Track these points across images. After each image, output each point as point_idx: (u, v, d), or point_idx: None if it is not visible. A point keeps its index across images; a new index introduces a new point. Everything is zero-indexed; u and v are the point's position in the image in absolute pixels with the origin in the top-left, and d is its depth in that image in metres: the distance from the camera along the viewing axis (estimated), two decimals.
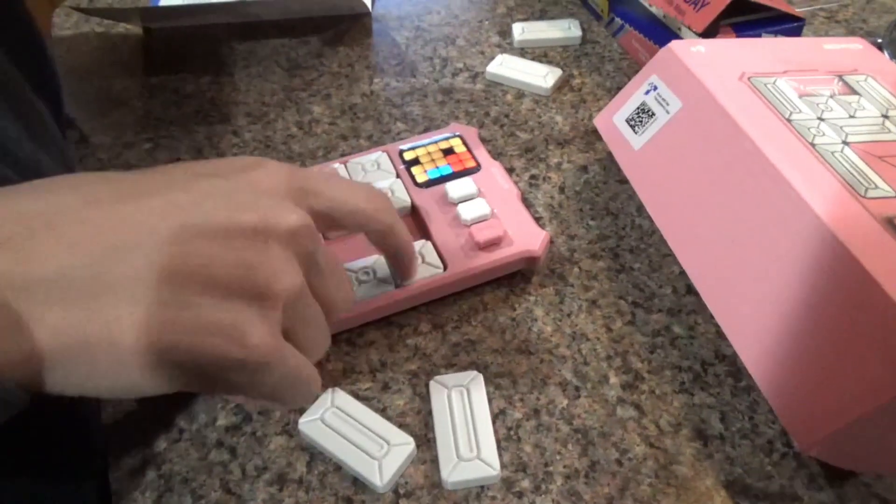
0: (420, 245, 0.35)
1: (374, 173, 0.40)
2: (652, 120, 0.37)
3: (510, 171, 0.43)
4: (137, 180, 0.22)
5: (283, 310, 0.22)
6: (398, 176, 0.40)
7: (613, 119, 0.40)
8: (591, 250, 0.38)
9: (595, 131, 0.45)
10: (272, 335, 0.21)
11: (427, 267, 0.35)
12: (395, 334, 0.35)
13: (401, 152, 0.41)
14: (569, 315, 0.35)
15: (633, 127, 0.38)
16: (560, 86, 0.50)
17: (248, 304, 0.21)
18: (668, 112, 0.36)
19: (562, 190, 0.42)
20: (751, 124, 0.31)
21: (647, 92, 0.38)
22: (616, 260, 0.38)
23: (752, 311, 0.29)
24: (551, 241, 0.39)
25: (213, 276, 0.21)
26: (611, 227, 0.39)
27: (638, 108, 0.38)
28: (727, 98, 0.33)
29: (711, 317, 0.34)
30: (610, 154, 0.42)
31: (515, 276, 0.37)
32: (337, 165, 0.41)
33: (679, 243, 0.33)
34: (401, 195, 0.39)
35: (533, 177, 0.43)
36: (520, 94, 0.49)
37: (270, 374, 0.22)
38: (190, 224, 0.21)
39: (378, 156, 0.41)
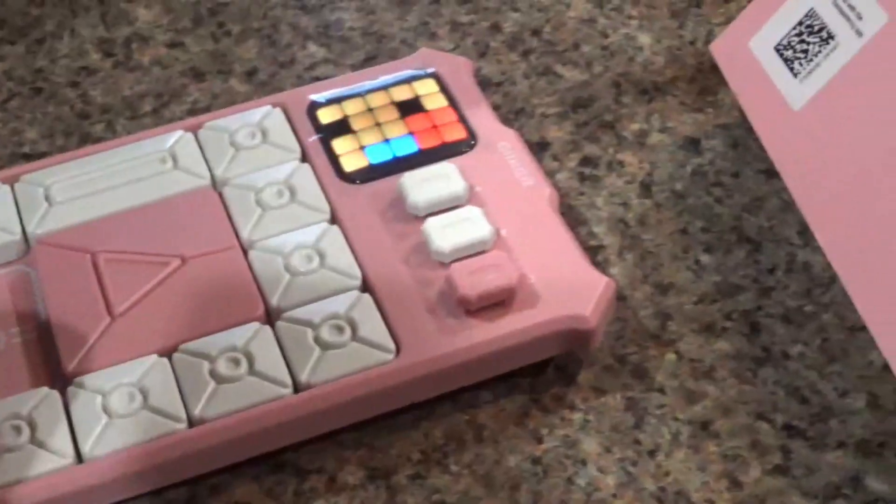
0: (349, 302, 0.36)
1: (254, 152, 0.41)
2: (828, 48, 0.37)
3: (541, 148, 0.44)
4: None
5: None
6: (304, 157, 0.41)
7: (751, 46, 0.40)
8: (702, 317, 0.39)
9: (715, 69, 0.46)
10: None
11: (359, 349, 0.35)
12: (290, 489, 0.35)
13: (312, 107, 0.42)
14: (652, 453, 0.36)
15: (789, 63, 0.39)
16: None
17: None
18: (860, 33, 0.37)
19: (647, 189, 0.42)
20: None
21: None
22: (754, 338, 0.38)
23: None
24: (621, 298, 0.39)
25: None
26: (745, 267, 0.40)
27: (799, 24, 0.39)
28: None
29: None
30: (743, 115, 0.43)
31: (544, 371, 0.37)
32: (179, 133, 0.42)
33: (877, 305, 0.34)
34: (309, 197, 0.39)
35: (587, 161, 0.43)
36: None
37: None
38: None
39: (265, 114, 0.42)
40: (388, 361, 0.35)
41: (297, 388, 0.35)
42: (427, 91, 0.42)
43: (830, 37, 0.37)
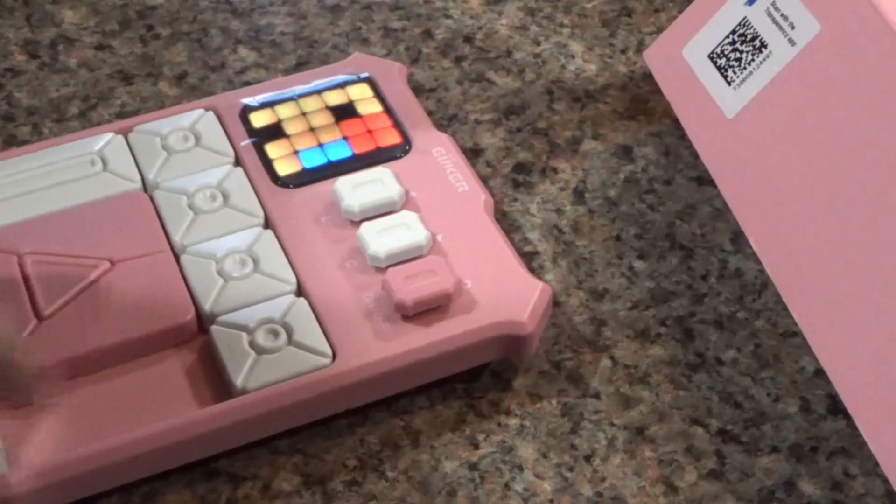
0: (284, 307, 0.36)
1: (186, 155, 0.40)
2: (761, 57, 0.38)
3: (474, 154, 0.44)
4: None
5: None
6: (238, 162, 0.41)
7: (684, 53, 0.41)
8: (637, 323, 0.39)
9: (646, 77, 0.47)
10: None
11: (295, 354, 0.35)
12: (223, 496, 0.35)
13: (245, 111, 0.42)
14: (589, 458, 0.36)
15: (722, 71, 0.39)
16: None
17: None
18: (792, 42, 0.37)
19: (580, 196, 0.43)
20: None
21: (752, 0, 0.39)
22: (688, 344, 0.38)
23: None
24: (555, 304, 0.39)
25: None
26: (679, 274, 0.40)
27: (733, 32, 0.39)
28: None
29: (877, 465, 0.35)
30: (677, 124, 0.43)
31: (480, 377, 0.37)
32: (109, 136, 0.41)
33: (812, 310, 0.34)
34: (242, 201, 0.39)
35: (521, 168, 0.44)
36: None
37: None
38: None
39: (197, 117, 0.42)
40: (324, 366, 0.35)
41: (239, 391, 0.34)
42: (361, 96, 0.42)
43: (763, 45, 0.38)
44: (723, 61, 0.39)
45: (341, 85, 0.43)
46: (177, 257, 0.37)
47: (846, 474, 0.35)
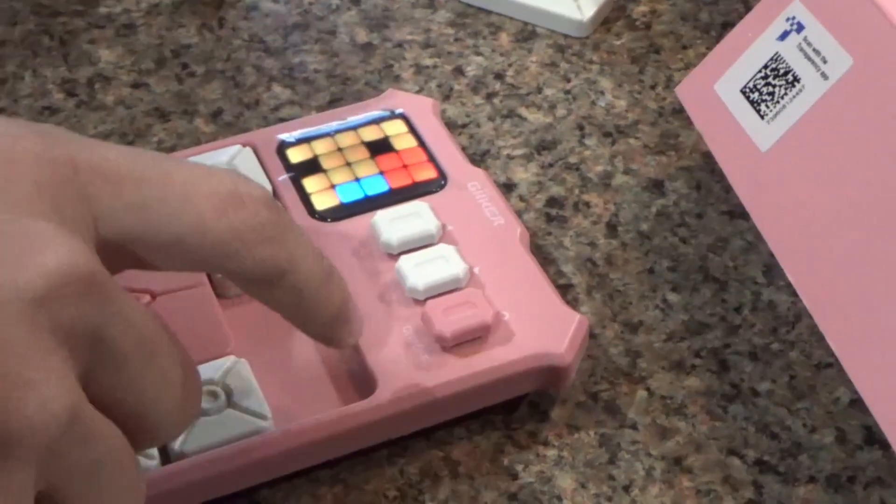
0: (222, 371, 0.36)
1: None
2: (794, 91, 0.38)
3: (507, 189, 0.44)
4: None
5: (38, 464, 0.23)
6: (275, 196, 0.41)
7: (716, 88, 0.41)
8: (672, 354, 0.39)
9: (680, 111, 0.47)
10: None
11: (232, 415, 0.35)
12: None
13: (281, 146, 0.42)
14: (627, 488, 0.36)
15: (755, 105, 0.39)
16: (609, 18, 0.52)
17: None
18: (825, 76, 0.38)
19: (613, 229, 0.43)
20: None
21: (784, 35, 0.39)
22: (723, 375, 0.39)
23: None
24: (591, 336, 0.39)
25: None
26: (713, 306, 0.41)
27: (765, 67, 0.39)
28: None
29: None
30: (709, 157, 0.43)
31: (517, 409, 0.38)
32: None
33: (847, 340, 0.34)
34: None
35: (554, 202, 0.44)
36: (527, 33, 0.51)
37: None
38: None
39: (235, 152, 0.42)
40: (363, 400, 0.35)
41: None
42: (396, 131, 0.43)
43: (796, 80, 0.38)
44: (755, 95, 0.39)
45: (376, 121, 0.43)
46: (216, 290, 0.38)
47: None
